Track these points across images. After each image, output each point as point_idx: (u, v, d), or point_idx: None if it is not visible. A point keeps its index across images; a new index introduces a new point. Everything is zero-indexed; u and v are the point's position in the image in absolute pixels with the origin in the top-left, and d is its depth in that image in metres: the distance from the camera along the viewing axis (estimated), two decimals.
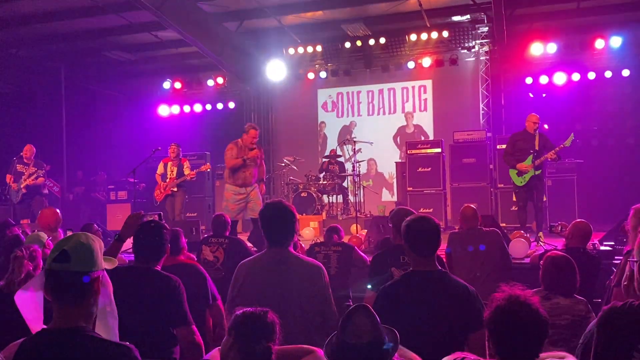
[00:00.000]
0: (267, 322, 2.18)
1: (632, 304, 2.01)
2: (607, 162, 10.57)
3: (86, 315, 2.03)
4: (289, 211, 3.17)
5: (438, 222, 3.03)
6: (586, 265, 4.56)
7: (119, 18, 10.91)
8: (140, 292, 3.08)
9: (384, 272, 3.91)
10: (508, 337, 2.03)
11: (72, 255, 1.98)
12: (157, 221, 3.44)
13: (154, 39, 12.08)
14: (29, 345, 1.98)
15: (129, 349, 1.99)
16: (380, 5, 10.88)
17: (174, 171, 9.15)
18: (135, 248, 3.32)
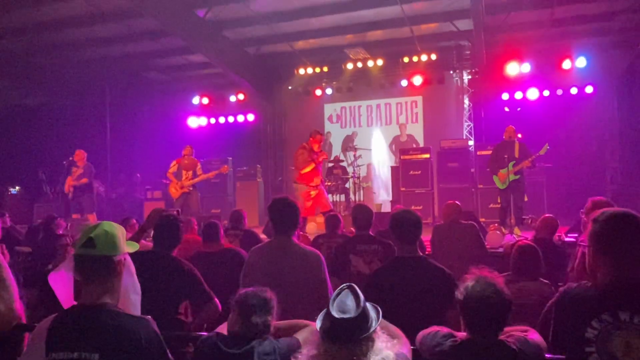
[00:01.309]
0: (266, 298, 2.16)
1: (585, 284, 1.96)
2: (572, 166, 10.49)
3: (110, 292, 2.01)
4: (293, 206, 3.16)
5: (419, 214, 3.00)
6: (552, 254, 4.51)
7: (154, 44, 10.98)
8: (158, 272, 3.06)
9: (345, 258, 3.95)
10: (476, 311, 1.99)
11: (97, 242, 1.97)
12: (174, 214, 3.45)
13: (185, 61, 12.15)
14: (61, 318, 1.97)
15: (148, 321, 1.97)
16: (378, 33, 10.86)
17: (188, 172, 9.00)
18: (155, 236, 3.32)
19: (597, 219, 1.95)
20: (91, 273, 1.96)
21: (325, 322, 1.89)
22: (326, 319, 1.90)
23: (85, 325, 1.89)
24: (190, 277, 3.15)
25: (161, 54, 11.66)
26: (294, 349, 2.04)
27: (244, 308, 2.11)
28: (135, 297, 2.27)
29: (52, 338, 1.88)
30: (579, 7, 9.39)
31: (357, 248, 4.00)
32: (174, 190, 9.06)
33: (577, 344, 1.83)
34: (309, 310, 2.84)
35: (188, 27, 9.76)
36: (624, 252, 1.87)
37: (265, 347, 2.07)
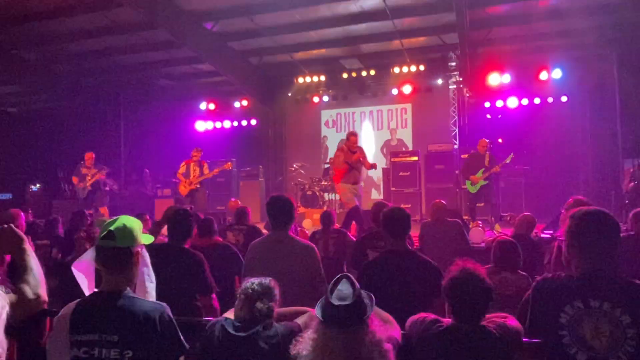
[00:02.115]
0: (269, 287, 2.18)
1: (560, 274, 1.99)
2: (548, 169, 10.52)
3: (128, 280, 2.03)
4: (289, 202, 3.20)
5: (408, 212, 3.02)
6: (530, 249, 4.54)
7: (165, 54, 10.98)
8: (172, 263, 3.08)
9: (363, 252, 3.97)
10: (459, 300, 2.02)
11: (116, 234, 1.99)
12: (186, 209, 3.46)
13: (193, 70, 12.14)
14: (84, 304, 1.99)
15: (163, 306, 1.99)
16: (370, 45, 10.89)
17: (196, 170, 9.10)
18: (169, 229, 3.33)
19: (573, 215, 1.99)
20: (111, 263, 1.99)
21: (324, 309, 1.92)
22: (325, 306, 1.92)
23: (106, 309, 1.92)
24: (196, 267, 3.15)
25: (172, 63, 11.65)
26: (295, 332, 2.07)
27: (249, 295, 2.13)
28: (150, 285, 2.30)
29: (75, 321, 1.90)
30: (556, 23, 9.43)
31: (374, 244, 4.02)
32: (183, 188, 9.15)
33: (551, 328, 1.86)
34: (304, 297, 2.87)
35: (197, 39, 9.76)
36: (595, 246, 1.90)
37: (269, 331, 2.09)
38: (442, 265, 2.89)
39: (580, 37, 9.82)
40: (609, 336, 1.76)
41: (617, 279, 1.87)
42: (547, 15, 9.01)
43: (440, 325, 2.05)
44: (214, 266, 3.56)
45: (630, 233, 4.25)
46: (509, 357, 1.95)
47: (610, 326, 1.77)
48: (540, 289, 2.02)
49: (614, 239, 1.92)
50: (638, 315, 1.76)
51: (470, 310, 2.00)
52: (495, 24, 9.53)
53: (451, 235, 5.18)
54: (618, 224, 1.96)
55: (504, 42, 10.34)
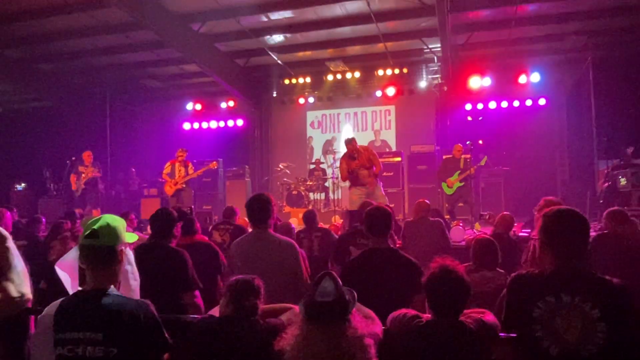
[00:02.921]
0: (255, 284, 2.19)
1: (533, 271, 2.03)
2: (527, 169, 10.64)
3: (112, 278, 2.02)
4: (267, 200, 3.20)
5: (391, 211, 3.04)
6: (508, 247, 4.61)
7: (152, 54, 10.87)
8: (155, 261, 3.05)
9: (346, 249, 3.99)
10: (439, 295, 2.05)
11: (100, 233, 1.98)
12: (167, 208, 3.45)
13: (180, 70, 12.05)
14: (68, 302, 1.97)
15: (147, 304, 1.98)
16: (355, 48, 10.92)
17: (181, 171, 9.06)
18: (152, 228, 3.31)
19: (546, 214, 2.03)
20: (95, 261, 1.97)
21: (307, 305, 1.93)
22: (309, 303, 1.93)
23: (89, 308, 1.90)
24: (179, 264, 3.11)
25: (158, 63, 11.54)
26: (280, 329, 2.07)
27: (235, 293, 2.13)
28: (134, 283, 2.28)
29: (59, 320, 1.89)
30: (534, 28, 9.58)
31: (357, 241, 4.04)
32: (169, 188, 9.09)
33: (525, 323, 1.90)
34: (286, 293, 2.87)
35: (183, 40, 9.68)
36: (566, 243, 1.95)
37: (254, 328, 2.09)
38: (424, 263, 2.91)
39: (557, 42, 9.99)
40: (580, 329, 1.80)
41: (587, 275, 1.92)
42: (525, 21, 9.15)
43: (420, 320, 2.07)
44: (194, 265, 3.52)
45: (605, 232, 4.34)
46: (486, 351, 1.99)
47: (581, 320, 1.81)
48: (515, 285, 2.06)
49: (584, 236, 1.97)
50: (606, 309, 1.81)
51: (449, 306, 2.03)
52: (476, 29, 9.64)
53: (433, 234, 5.23)
54: (587, 222, 2.01)
55: (485, 47, 10.46)
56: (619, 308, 1.82)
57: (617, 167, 8.41)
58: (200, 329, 2.15)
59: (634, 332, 1.82)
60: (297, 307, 2.14)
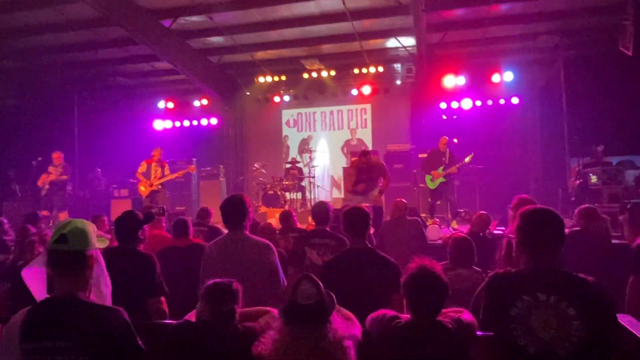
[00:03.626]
0: (232, 289, 2.16)
1: (510, 270, 2.06)
2: (501, 168, 10.83)
3: (82, 285, 1.96)
4: (241, 201, 3.18)
5: (368, 211, 3.06)
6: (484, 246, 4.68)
7: (122, 51, 10.65)
8: (122, 266, 2.95)
9: (301, 250, 3.99)
10: (417, 295, 2.07)
11: (69, 238, 1.92)
12: (132, 211, 3.38)
13: (151, 68, 11.83)
14: (36, 310, 1.91)
15: (119, 311, 1.93)
16: (330, 46, 10.94)
17: (157, 171, 8.87)
18: (116, 232, 3.24)
19: (522, 214, 2.07)
20: (64, 267, 1.91)
21: (287, 308, 1.92)
22: (289, 306, 1.93)
23: (59, 316, 1.84)
24: (146, 269, 3.05)
25: (129, 60, 11.31)
26: (258, 333, 2.05)
27: (212, 297, 2.11)
28: (105, 290, 2.22)
29: (27, 329, 1.82)
30: (507, 28, 9.77)
31: (312, 241, 4.02)
32: (143, 189, 8.91)
33: (503, 322, 1.93)
34: (263, 296, 2.86)
35: (154, 37, 9.51)
36: (542, 242, 1.99)
37: (231, 332, 2.07)
38: (402, 263, 2.94)
39: (530, 42, 10.21)
40: (556, 328, 1.84)
41: (563, 273, 1.96)
42: (498, 20, 9.33)
43: (399, 321, 2.08)
44: (191, 267, 3.47)
45: (576, 229, 4.45)
46: (464, 350, 2.01)
47: (557, 318, 1.85)
48: (492, 284, 2.09)
49: (559, 236, 2.02)
50: (582, 308, 1.85)
51: (428, 306, 2.06)
52: (450, 28, 9.77)
53: (410, 233, 5.28)
54: (563, 221, 2.06)
55: (459, 46, 10.61)
56: (594, 306, 1.86)
57: (588, 165, 8.66)
58: (176, 335, 2.12)
59: (608, 329, 1.87)
60: (275, 310, 2.13)
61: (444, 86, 10.92)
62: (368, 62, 11.42)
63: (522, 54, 10.95)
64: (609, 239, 4.76)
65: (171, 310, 3.04)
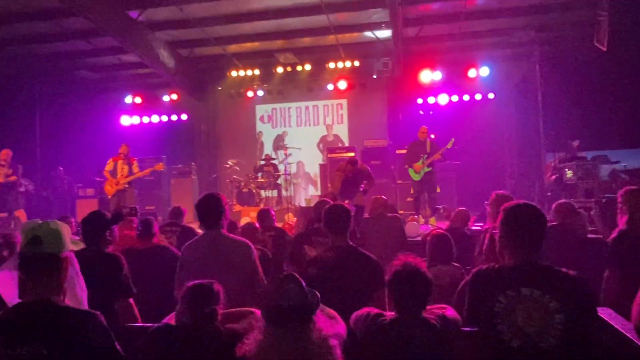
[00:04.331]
0: (213, 290, 2.17)
1: (494, 266, 2.13)
2: (478, 163, 11.02)
3: (57, 289, 1.93)
4: (217, 200, 3.18)
5: (350, 208, 3.09)
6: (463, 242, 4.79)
7: (86, 44, 10.41)
8: (89, 268, 2.91)
9: (301, 247, 4.02)
10: (403, 292, 2.11)
11: (43, 239, 1.89)
12: (99, 211, 3.34)
13: (117, 61, 11.60)
14: (7, 316, 1.87)
15: (95, 315, 1.91)
16: (305, 39, 10.94)
17: (124, 169, 8.67)
18: (83, 233, 3.20)
19: (505, 209, 2.14)
20: (38, 270, 1.88)
21: (271, 309, 1.94)
22: (271, 306, 1.94)
23: (32, 321, 1.81)
24: (112, 269, 3.04)
25: (94, 53, 11.06)
26: (241, 335, 2.06)
27: (193, 299, 2.10)
28: (81, 293, 2.20)
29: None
30: (483, 22, 9.96)
31: (312, 239, 4.05)
32: (109, 188, 8.71)
33: (487, 317, 2.00)
34: (243, 296, 2.86)
35: (120, 28, 9.32)
36: (525, 237, 2.07)
37: (213, 335, 2.07)
38: (382, 260, 3.00)
39: (506, 37, 10.44)
40: (539, 322, 1.92)
41: (545, 268, 2.04)
42: (475, 15, 9.51)
43: (384, 319, 2.13)
44: (154, 270, 3.44)
45: (553, 224, 4.60)
46: (449, 346, 2.07)
47: (541, 312, 1.93)
48: (476, 280, 2.15)
49: (542, 230, 2.09)
50: (565, 301, 1.93)
51: (413, 303, 2.11)
52: (426, 22, 9.90)
53: (390, 230, 5.34)
54: (545, 216, 2.14)
55: (436, 40, 10.77)
56: (576, 299, 1.95)
57: (564, 160, 8.93)
58: (156, 339, 2.11)
59: (590, 322, 1.96)
60: (257, 311, 2.14)
61: (421, 81, 11.05)
62: (344, 56, 11.47)
63: (498, 49, 11.18)
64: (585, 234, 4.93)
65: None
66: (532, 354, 1.91)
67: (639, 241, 3.28)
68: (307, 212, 7.61)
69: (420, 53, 10.98)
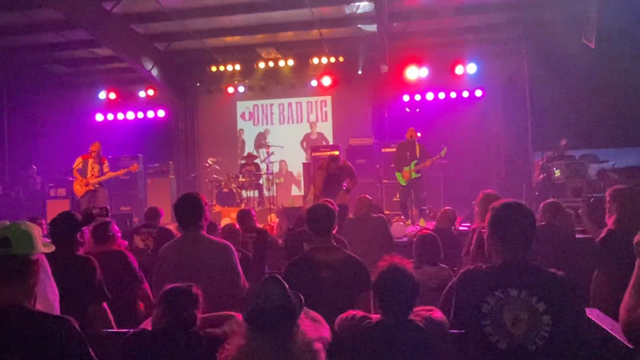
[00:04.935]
0: (192, 293, 2.16)
1: (481, 266, 2.16)
2: (465, 162, 11.10)
3: (27, 293, 1.90)
4: (197, 199, 3.16)
5: (334, 208, 3.10)
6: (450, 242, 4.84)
7: (57, 36, 10.24)
8: (58, 271, 2.86)
9: (299, 245, 4.00)
10: (388, 295, 2.13)
11: (13, 241, 1.86)
12: (68, 212, 3.30)
13: (91, 55, 11.44)
14: None
15: (68, 320, 1.89)
16: (288, 34, 10.91)
17: (95, 168, 8.49)
18: (51, 234, 3.15)
19: (494, 207, 2.17)
20: (8, 274, 1.85)
21: (252, 313, 1.93)
22: (254, 310, 1.94)
23: (3, 327, 1.79)
24: (84, 273, 3.01)
25: (65, 46, 10.86)
26: (222, 340, 2.05)
27: (171, 303, 2.09)
28: (52, 297, 2.17)
29: None
30: (470, 18, 10.06)
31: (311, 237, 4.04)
32: (79, 188, 8.53)
33: (474, 319, 2.02)
34: (224, 300, 2.85)
35: (94, 20, 9.19)
36: (513, 236, 2.09)
37: (192, 340, 2.06)
38: (367, 261, 3.01)
39: (494, 33, 10.56)
40: (527, 323, 1.95)
41: (534, 268, 2.08)
42: (462, 10, 9.59)
43: (370, 321, 2.14)
44: (107, 276, 3.36)
45: (541, 224, 4.68)
46: (436, 349, 2.09)
47: (528, 313, 1.96)
48: (464, 280, 2.18)
49: (531, 230, 2.12)
50: (552, 303, 1.97)
51: (399, 306, 2.12)
52: (413, 17, 9.96)
53: (375, 231, 5.38)
54: (534, 215, 2.17)
55: (422, 36, 10.85)
56: (563, 300, 1.98)
57: (552, 159, 9.07)
58: (132, 345, 2.09)
59: (577, 323, 1.99)
60: (239, 315, 2.13)
61: (407, 78, 11.11)
62: (328, 51, 11.48)
63: (486, 45, 11.30)
64: (573, 234, 5.04)
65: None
66: (520, 355, 1.94)
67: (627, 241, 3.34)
68: (290, 213, 7.64)
69: (407, 49, 11.04)
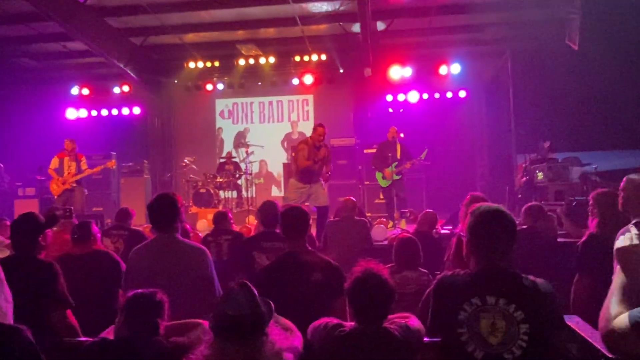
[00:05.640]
0: (156, 300, 2.10)
1: (459, 272, 2.13)
2: (448, 164, 11.20)
3: None
4: (172, 200, 3.09)
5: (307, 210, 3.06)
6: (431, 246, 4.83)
7: (28, 28, 10.02)
8: (19, 277, 2.77)
9: (249, 255, 3.94)
10: (363, 301, 2.09)
11: None
12: (31, 213, 3.19)
13: (62, 48, 11.22)
14: None
15: (20, 330, 1.81)
16: (269, 30, 10.85)
17: (71, 166, 8.39)
18: (12, 237, 3.05)
19: (473, 212, 2.14)
20: None
21: (218, 320, 1.88)
22: (219, 317, 1.88)
23: None
24: (46, 278, 2.92)
25: (35, 39, 10.65)
26: (186, 349, 1.99)
27: (133, 310, 2.03)
28: (6, 306, 2.08)
29: None
30: (454, 17, 10.12)
31: (261, 245, 3.96)
32: (56, 187, 8.41)
33: (451, 326, 1.99)
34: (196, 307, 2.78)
35: (65, 12, 9.00)
36: (492, 243, 2.07)
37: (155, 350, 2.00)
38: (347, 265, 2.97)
39: (477, 33, 10.63)
40: (504, 332, 1.93)
41: (512, 275, 2.05)
42: (446, 9, 9.64)
43: (343, 329, 2.10)
44: (91, 278, 3.31)
45: (523, 227, 4.70)
46: (411, 357, 2.06)
47: (505, 322, 1.94)
48: (440, 287, 2.15)
49: (510, 237, 2.10)
50: (530, 311, 1.95)
51: (373, 313, 2.08)
52: (397, 15, 9.98)
53: (357, 234, 5.36)
54: (514, 222, 2.15)
55: (406, 35, 10.87)
56: (542, 309, 1.96)
57: (535, 162, 9.17)
58: (91, 354, 2.01)
59: (556, 332, 1.98)
60: (206, 322, 2.07)
61: (390, 77, 11.12)
62: (310, 49, 11.44)
63: (470, 45, 11.38)
64: (555, 238, 5.07)
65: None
66: None
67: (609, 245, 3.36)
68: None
69: (390, 48, 11.06)
